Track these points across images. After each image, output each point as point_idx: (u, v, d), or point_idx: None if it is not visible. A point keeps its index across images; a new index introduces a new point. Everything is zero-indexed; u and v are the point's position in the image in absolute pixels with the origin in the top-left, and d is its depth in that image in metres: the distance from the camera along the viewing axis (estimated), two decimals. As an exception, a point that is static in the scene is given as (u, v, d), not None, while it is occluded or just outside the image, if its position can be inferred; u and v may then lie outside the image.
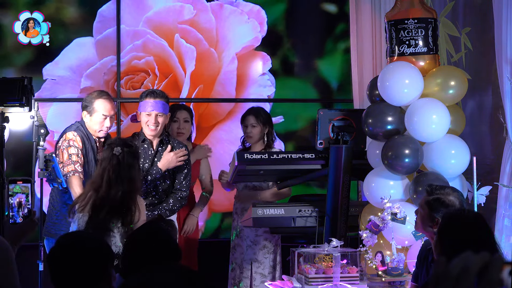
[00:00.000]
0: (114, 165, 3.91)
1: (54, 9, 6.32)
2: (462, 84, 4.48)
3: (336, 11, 6.64)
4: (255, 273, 5.14)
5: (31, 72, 5.91)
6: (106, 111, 4.73)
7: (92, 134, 4.76)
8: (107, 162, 3.93)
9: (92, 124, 4.74)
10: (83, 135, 4.71)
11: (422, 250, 3.66)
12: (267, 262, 5.15)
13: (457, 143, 4.41)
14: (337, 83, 6.64)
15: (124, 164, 3.92)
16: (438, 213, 3.43)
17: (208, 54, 6.43)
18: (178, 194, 4.73)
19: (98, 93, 4.84)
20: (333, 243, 4.01)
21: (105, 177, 3.90)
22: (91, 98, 4.76)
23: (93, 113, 4.72)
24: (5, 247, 2.49)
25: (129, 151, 3.96)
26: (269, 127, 5.28)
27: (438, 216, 3.43)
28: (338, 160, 4.45)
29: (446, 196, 3.48)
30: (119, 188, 3.87)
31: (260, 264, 5.15)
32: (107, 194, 3.87)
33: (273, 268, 5.17)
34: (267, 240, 5.16)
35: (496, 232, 4.47)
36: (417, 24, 4.51)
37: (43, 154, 4.27)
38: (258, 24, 6.49)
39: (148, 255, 2.69)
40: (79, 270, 2.39)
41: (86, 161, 4.67)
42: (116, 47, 6.30)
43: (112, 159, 3.93)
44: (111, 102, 4.80)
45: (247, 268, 5.16)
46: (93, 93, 4.85)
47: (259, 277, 5.12)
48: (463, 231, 2.86)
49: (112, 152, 3.94)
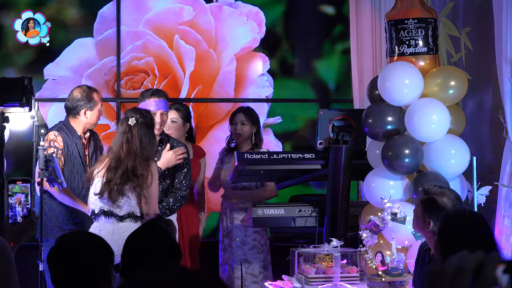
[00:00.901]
0: (129, 134, 4.26)
1: (55, 10, 6.36)
2: (462, 84, 4.48)
3: (334, 13, 6.68)
4: (246, 273, 5.15)
5: (32, 72, 5.94)
6: (101, 103, 4.93)
7: (84, 129, 4.85)
8: (123, 131, 4.28)
9: (93, 118, 4.87)
10: (66, 134, 4.78)
11: (419, 253, 3.65)
12: (257, 262, 5.16)
13: (457, 143, 4.41)
14: (334, 84, 6.67)
15: (138, 133, 4.26)
16: (430, 214, 3.43)
17: (207, 55, 6.46)
18: (178, 194, 4.76)
19: (88, 87, 4.95)
20: (333, 243, 4.01)
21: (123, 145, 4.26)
22: (87, 94, 4.86)
23: (94, 107, 4.85)
24: (3, 246, 2.49)
25: (143, 121, 4.29)
26: (257, 127, 5.32)
27: (429, 216, 3.42)
28: (338, 160, 4.45)
29: (440, 197, 3.47)
30: (132, 156, 4.22)
31: (250, 265, 5.16)
32: (122, 161, 4.23)
33: (264, 268, 5.17)
34: (256, 240, 5.17)
35: (496, 232, 4.46)
36: (417, 24, 4.51)
37: (43, 154, 4.27)
38: (256, 25, 6.53)
39: (148, 254, 2.69)
40: (79, 270, 2.39)
41: (70, 159, 4.76)
42: (116, 47, 6.34)
43: (127, 129, 4.28)
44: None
45: (237, 269, 5.16)
46: (82, 90, 4.90)
47: (250, 278, 5.13)
48: (464, 231, 2.86)
49: (127, 122, 4.28)
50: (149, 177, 4.23)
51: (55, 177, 4.33)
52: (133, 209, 4.26)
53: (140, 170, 4.22)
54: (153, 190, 4.28)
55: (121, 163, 4.24)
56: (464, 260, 1.35)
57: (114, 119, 6.32)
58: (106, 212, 4.31)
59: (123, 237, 4.18)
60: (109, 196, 4.25)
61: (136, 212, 4.28)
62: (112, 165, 4.27)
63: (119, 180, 4.23)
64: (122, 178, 4.22)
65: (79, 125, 4.85)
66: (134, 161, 4.23)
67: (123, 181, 4.23)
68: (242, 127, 5.25)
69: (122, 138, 4.28)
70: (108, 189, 4.25)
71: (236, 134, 5.28)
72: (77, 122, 4.85)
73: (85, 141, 4.88)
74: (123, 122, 4.33)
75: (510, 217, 4.50)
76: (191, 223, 5.29)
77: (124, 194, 4.24)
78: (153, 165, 4.34)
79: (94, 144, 4.93)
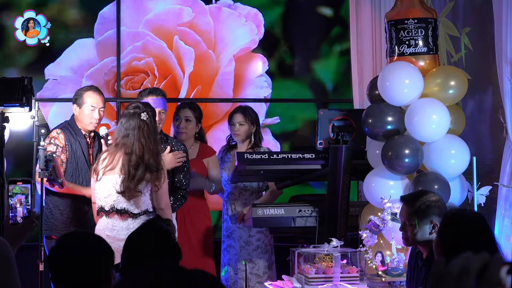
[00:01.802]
0: (144, 130, 4.22)
1: (56, 10, 6.41)
2: (462, 84, 4.48)
3: (331, 15, 6.74)
4: (250, 273, 5.14)
5: (34, 72, 5.99)
6: (95, 102, 4.82)
7: (83, 128, 4.84)
8: (137, 126, 4.23)
9: (81, 116, 4.82)
10: (70, 132, 4.79)
11: (411, 255, 3.63)
12: (262, 262, 5.15)
13: (457, 143, 4.41)
14: (332, 85, 6.72)
15: (152, 127, 4.26)
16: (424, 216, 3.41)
17: (206, 55, 6.51)
18: (178, 193, 4.77)
19: (88, 87, 4.97)
20: (333, 243, 4.01)
21: (140, 140, 4.21)
22: (81, 91, 4.87)
23: (82, 105, 4.81)
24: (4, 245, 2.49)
25: (153, 115, 4.30)
26: (256, 126, 5.29)
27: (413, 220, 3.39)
28: (338, 160, 4.45)
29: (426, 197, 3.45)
30: (152, 151, 4.21)
31: (255, 265, 5.15)
32: (143, 157, 4.19)
33: (268, 268, 5.17)
34: (260, 240, 5.17)
35: (496, 232, 4.46)
36: (417, 24, 4.51)
37: (43, 154, 4.27)
38: (255, 26, 6.58)
39: (148, 254, 2.69)
40: (79, 270, 2.39)
41: (74, 157, 4.76)
42: (116, 48, 6.38)
43: (141, 124, 4.23)
44: (100, 94, 4.90)
45: (241, 269, 5.15)
46: (83, 87, 4.97)
47: (254, 278, 5.12)
48: (464, 232, 2.85)
49: (140, 118, 4.23)
50: (163, 172, 4.26)
51: (55, 177, 4.33)
52: (147, 206, 4.27)
53: (158, 165, 4.24)
54: (166, 185, 4.32)
55: (143, 160, 4.19)
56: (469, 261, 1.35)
57: (114, 119, 6.34)
58: (119, 210, 4.26)
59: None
60: (128, 195, 4.22)
61: (150, 208, 4.29)
62: (132, 162, 4.20)
63: (140, 177, 4.20)
64: (145, 174, 4.20)
65: (79, 123, 4.86)
66: (155, 156, 4.23)
67: (144, 178, 4.20)
68: (240, 128, 5.23)
69: (138, 134, 4.21)
70: (127, 187, 4.20)
71: (235, 134, 5.27)
72: (77, 120, 4.86)
73: (89, 140, 4.88)
74: (132, 117, 4.24)
75: (510, 217, 4.50)
76: (197, 221, 5.24)
77: (141, 192, 4.22)
78: (162, 159, 4.37)
79: (99, 144, 4.93)
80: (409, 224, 3.40)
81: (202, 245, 5.14)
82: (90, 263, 2.40)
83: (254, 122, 5.29)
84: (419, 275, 3.43)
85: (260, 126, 5.45)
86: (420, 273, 3.42)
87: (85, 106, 4.81)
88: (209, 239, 5.22)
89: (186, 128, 5.20)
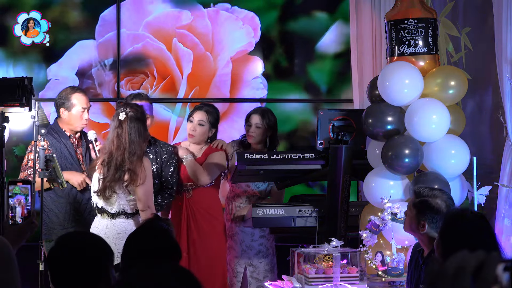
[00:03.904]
0: (119, 129, 4.27)
1: (58, 12, 6.56)
2: (462, 84, 4.48)
3: (327, 18, 6.82)
4: (251, 277, 5.12)
5: (35, 73, 6.11)
6: (84, 104, 4.85)
7: (69, 130, 4.85)
8: (114, 126, 4.30)
9: (72, 119, 4.83)
10: (53, 136, 4.79)
11: (412, 254, 3.64)
12: (262, 266, 5.13)
13: (457, 143, 4.41)
14: (326, 87, 6.84)
15: (128, 127, 4.27)
16: (424, 216, 3.42)
17: (204, 57, 6.67)
18: (166, 191, 4.84)
19: (72, 88, 4.96)
20: (333, 243, 4.01)
21: (114, 140, 4.27)
22: (66, 94, 4.86)
23: (71, 108, 4.82)
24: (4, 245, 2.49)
25: (133, 115, 4.30)
26: (273, 131, 5.17)
27: (423, 219, 3.41)
28: (338, 160, 4.45)
29: (433, 199, 3.45)
30: (121, 150, 4.23)
31: (255, 269, 5.12)
32: (112, 156, 4.26)
33: (270, 271, 5.13)
34: (262, 245, 5.13)
35: (496, 232, 4.46)
36: (417, 24, 4.51)
37: (43, 154, 4.28)
38: (252, 29, 6.72)
39: (148, 254, 2.68)
40: (79, 271, 2.39)
41: (61, 159, 4.74)
42: (117, 49, 6.49)
43: (117, 124, 4.29)
44: (86, 94, 4.95)
45: (240, 272, 5.13)
46: (66, 89, 4.94)
47: (255, 282, 5.10)
48: (465, 232, 2.85)
49: (118, 118, 4.29)
50: (142, 174, 4.26)
51: (55, 177, 4.34)
52: (124, 207, 4.32)
53: (128, 165, 4.24)
54: (148, 187, 4.30)
55: (112, 159, 4.27)
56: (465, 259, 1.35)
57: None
58: (99, 209, 4.42)
59: (114, 233, 4.31)
60: (103, 194, 4.32)
61: (127, 209, 4.34)
62: (106, 161, 4.31)
63: (111, 177, 4.27)
64: (114, 174, 4.26)
65: (65, 125, 4.85)
66: (122, 155, 4.25)
67: (115, 178, 4.27)
68: (255, 130, 5.11)
69: (113, 133, 4.31)
70: (103, 186, 4.30)
71: (249, 135, 5.15)
72: (62, 122, 4.85)
73: (76, 140, 4.89)
74: (114, 117, 4.35)
75: (510, 217, 4.50)
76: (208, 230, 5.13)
77: (115, 192, 4.29)
78: (146, 160, 4.36)
79: (87, 143, 4.94)
80: (409, 210, 3.52)
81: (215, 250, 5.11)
82: (89, 263, 2.40)
83: (272, 126, 5.15)
84: (419, 274, 3.44)
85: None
86: (421, 271, 3.42)
87: (75, 109, 4.81)
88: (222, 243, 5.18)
89: (195, 131, 5.08)
